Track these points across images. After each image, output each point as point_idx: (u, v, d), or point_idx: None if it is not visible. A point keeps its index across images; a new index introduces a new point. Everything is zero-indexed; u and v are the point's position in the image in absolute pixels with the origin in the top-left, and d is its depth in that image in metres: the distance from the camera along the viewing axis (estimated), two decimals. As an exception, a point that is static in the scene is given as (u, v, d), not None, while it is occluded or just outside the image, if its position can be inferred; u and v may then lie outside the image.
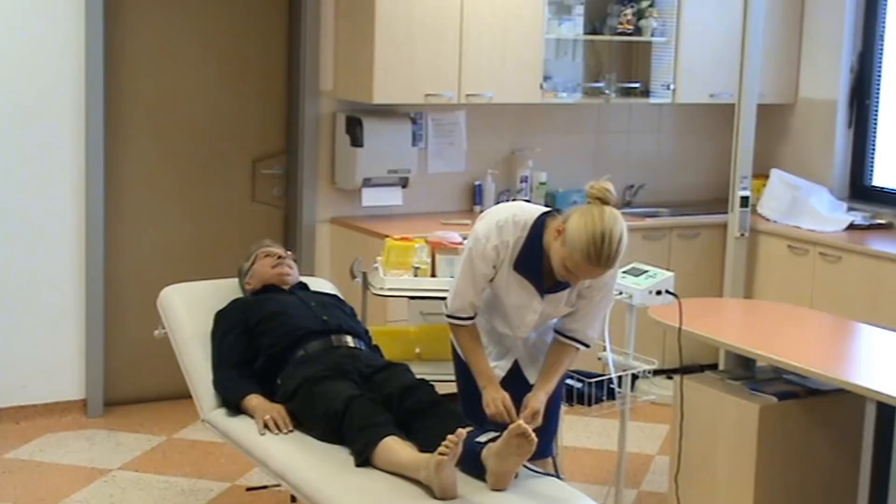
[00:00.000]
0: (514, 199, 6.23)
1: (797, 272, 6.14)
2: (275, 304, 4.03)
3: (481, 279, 3.52)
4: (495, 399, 3.49)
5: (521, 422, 3.22)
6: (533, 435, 3.20)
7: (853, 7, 6.50)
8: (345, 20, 5.85)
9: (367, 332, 4.13)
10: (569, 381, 4.02)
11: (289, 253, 4.31)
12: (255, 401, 3.79)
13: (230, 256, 5.79)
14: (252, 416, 3.75)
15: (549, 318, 3.62)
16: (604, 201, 3.29)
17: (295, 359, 3.84)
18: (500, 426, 3.35)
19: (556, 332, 3.64)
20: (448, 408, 3.53)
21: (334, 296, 4.29)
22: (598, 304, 3.57)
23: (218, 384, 3.92)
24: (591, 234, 3.22)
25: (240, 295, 4.22)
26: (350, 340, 3.94)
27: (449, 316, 3.60)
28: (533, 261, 3.44)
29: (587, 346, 3.63)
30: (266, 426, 3.66)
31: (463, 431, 3.19)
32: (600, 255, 3.23)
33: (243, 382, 3.87)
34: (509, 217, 3.48)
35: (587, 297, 3.54)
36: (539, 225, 3.44)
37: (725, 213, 6.28)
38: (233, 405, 3.84)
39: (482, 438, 3.32)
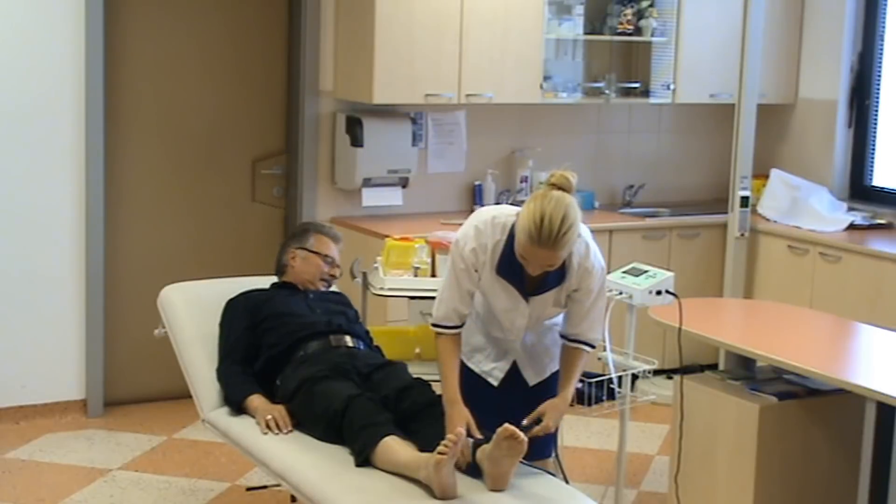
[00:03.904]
0: (513, 200, 6.24)
1: (797, 272, 6.13)
2: (283, 303, 4.03)
3: (464, 283, 3.49)
4: (456, 426, 3.33)
5: (508, 425, 3.21)
6: (522, 435, 3.20)
7: (853, 7, 6.50)
8: (345, 20, 5.85)
9: (367, 333, 4.13)
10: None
11: (337, 267, 4.30)
12: (256, 401, 3.79)
13: (230, 256, 5.82)
14: (253, 416, 3.76)
15: (540, 320, 3.60)
16: (559, 188, 3.29)
17: (294, 359, 3.85)
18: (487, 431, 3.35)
19: (562, 336, 3.63)
20: (444, 407, 3.52)
21: (339, 294, 4.28)
22: (591, 307, 3.54)
23: (221, 377, 3.92)
24: (533, 216, 3.23)
25: (240, 294, 4.21)
26: (349, 340, 3.94)
27: (433, 324, 3.55)
28: (513, 264, 3.42)
29: (592, 346, 3.62)
30: (267, 426, 3.67)
31: (462, 430, 3.19)
32: (540, 234, 3.22)
33: (247, 382, 3.87)
34: (488, 220, 3.47)
35: (578, 301, 3.53)
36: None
37: (725, 213, 6.28)
38: (235, 405, 3.84)
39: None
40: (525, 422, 3.40)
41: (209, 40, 5.78)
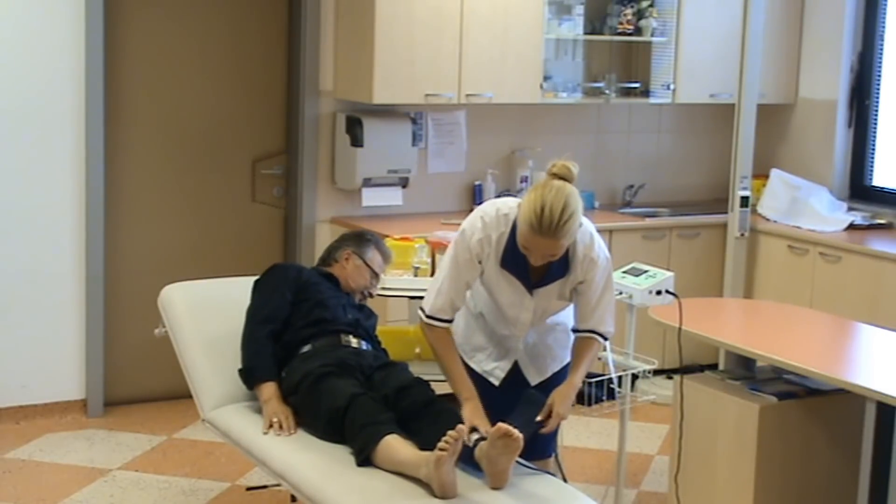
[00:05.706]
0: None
1: (797, 272, 6.14)
2: (325, 295, 4.01)
3: (465, 274, 3.49)
4: (473, 422, 3.38)
5: (501, 424, 3.21)
6: (517, 433, 3.19)
7: (853, 7, 6.50)
8: (345, 20, 5.85)
9: (376, 336, 4.12)
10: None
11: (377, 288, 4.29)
12: (268, 392, 3.77)
13: (230, 256, 5.82)
14: (259, 402, 3.77)
15: (544, 315, 3.60)
16: (561, 177, 3.30)
17: (301, 353, 3.85)
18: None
19: (574, 331, 3.63)
20: (444, 406, 3.52)
21: (366, 306, 4.27)
22: (599, 300, 3.54)
23: (249, 343, 3.88)
24: (534, 205, 3.24)
25: (292, 264, 4.16)
26: (354, 341, 3.93)
27: (428, 317, 3.53)
28: (517, 255, 3.42)
29: (605, 338, 3.61)
30: (270, 427, 3.67)
31: (463, 427, 3.19)
32: (541, 224, 3.23)
33: (271, 363, 3.84)
34: (493, 211, 3.48)
35: (583, 293, 3.53)
36: None
37: (725, 213, 6.28)
38: (250, 381, 3.84)
39: (470, 440, 3.32)
40: (539, 417, 3.40)
41: (209, 40, 5.78)
